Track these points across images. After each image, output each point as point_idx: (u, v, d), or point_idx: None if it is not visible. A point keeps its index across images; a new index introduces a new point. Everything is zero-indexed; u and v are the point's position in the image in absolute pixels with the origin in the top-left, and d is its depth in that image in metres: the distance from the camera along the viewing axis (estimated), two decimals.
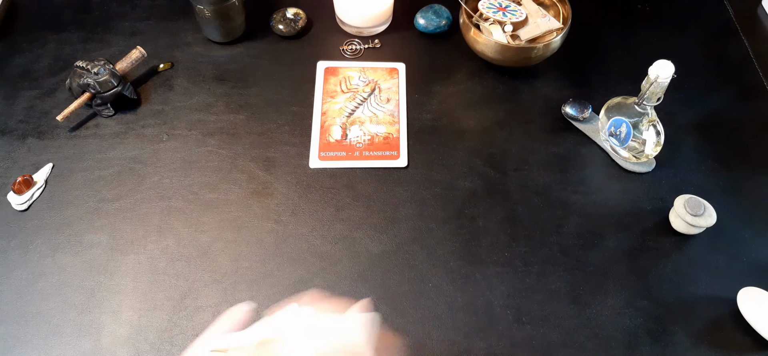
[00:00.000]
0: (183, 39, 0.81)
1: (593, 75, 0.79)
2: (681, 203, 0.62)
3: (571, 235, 0.64)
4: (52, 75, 0.77)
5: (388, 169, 0.69)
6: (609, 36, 0.83)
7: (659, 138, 0.65)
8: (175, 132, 0.72)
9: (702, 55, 0.82)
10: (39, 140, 0.71)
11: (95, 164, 0.69)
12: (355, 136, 0.71)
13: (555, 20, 0.76)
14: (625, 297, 0.60)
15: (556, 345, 0.57)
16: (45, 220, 0.64)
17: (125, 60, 0.74)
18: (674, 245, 0.63)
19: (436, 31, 0.81)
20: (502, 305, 0.59)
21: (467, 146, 0.71)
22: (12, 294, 0.59)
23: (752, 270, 0.62)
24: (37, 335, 0.56)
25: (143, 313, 0.58)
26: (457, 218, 0.65)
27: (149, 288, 0.59)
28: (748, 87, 0.78)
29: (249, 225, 0.64)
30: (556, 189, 0.67)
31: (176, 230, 0.63)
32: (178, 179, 0.67)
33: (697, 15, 0.87)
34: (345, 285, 0.60)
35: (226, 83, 0.77)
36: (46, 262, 0.61)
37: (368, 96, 0.75)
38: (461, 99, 0.76)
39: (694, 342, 0.57)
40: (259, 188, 0.67)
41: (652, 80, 0.60)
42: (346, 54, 0.80)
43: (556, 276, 0.61)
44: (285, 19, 0.81)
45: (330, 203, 0.66)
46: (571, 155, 0.71)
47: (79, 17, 0.84)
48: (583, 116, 0.72)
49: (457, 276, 0.61)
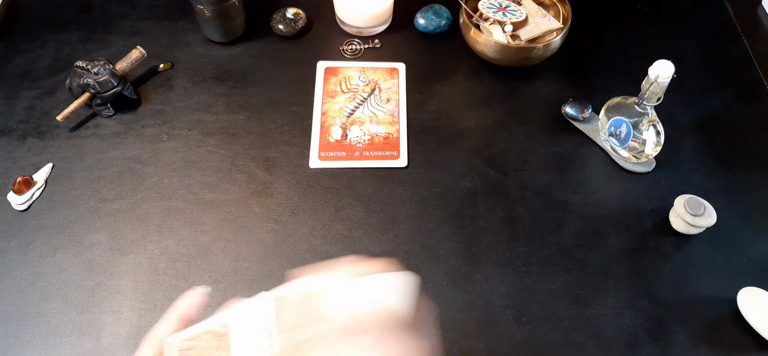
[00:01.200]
0: (183, 39, 0.81)
1: (593, 75, 0.79)
2: (681, 203, 0.62)
3: (571, 235, 0.64)
4: (52, 75, 0.77)
5: (388, 169, 0.69)
6: (609, 36, 0.83)
7: (659, 138, 0.65)
8: (175, 132, 0.72)
9: (702, 55, 0.82)
10: (39, 140, 0.71)
11: (95, 164, 0.69)
12: (355, 136, 0.71)
13: (555, 20, 0.76)
14: (625, 297, 0.60)
15: (556, 345, 0.57)
16: (45, 220, 0.64)
17: (125, 60, 0.74)
18: (674, 245, 0.63)
19: (436, 31, 0.81)
20: (502, 305, 0.59)
21: (467, 146, 0.71)
22: (12, 294, 0.59)
23: (752, 270, 0.62)
24: (37, 335, 0.56)
25: (143, 313, 0.58)
26: (457, 218, 0.65)
27: (149, 288, 0.59)
28: (748, 87, 0.78)
29: (249, 225, 0.64)
30: (556, 189, 0.67)
31: (176, 230, 0.63)
32: (178, 179, 0.67)
33: (697, 15, 0.87)
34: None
35: (226, 83, 0.77)
36: (46, 262, 0.61)
37: (368, 96, 0.75)
38: (461, 99, 0.76)
39: (694, 342, 0.57)
40: (259, 188, 0.67)
41: (652, 80, 0.60)
42: (346, 54, 0.80)
43: (556, 276, 0.61)
44: (285, 19, 0.81)
45: (330, 203, 0.66)
46: (571, 155, 0.71)
47: (79, 17, 0.84)
48: (583, 116, 0.72)
49: (457, 276, 0.61)
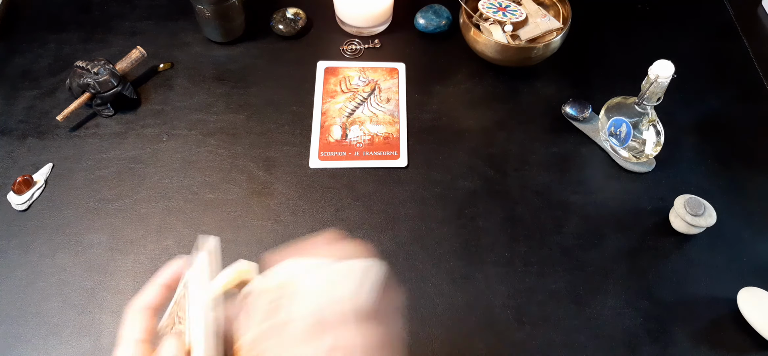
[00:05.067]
0: (183, 39, 0.81)
1: (593, 75, 0.79)
2: (681, 203, 0.62)
3: (571, 235, 0.64)
4: (52, 75, 0.77)
5: (388, 169, 0.69)
6: (609, 36, 0.83)
7: (659, 138, 0.65)
8: (175, 132, 0.72)
9: (702, 55, 0.82)
10: (39, 140, 0.71)
11: (95, 164, 0.69)
12: (355, 136, 0.71)
13: (555, 20, 0.76)
14: (625, 297, 0.60)
15: (556, 345, 0.57)
16: (45, 220, 0.64)
17: (125, 60, 0.74)
18: (674, 245, 0.63)
19: (436, 31, 0.81)
20: (502, 305, 0.59)
21: (467, 146, 0.71)
22: (12, 294, 0.59)
23: (752, 270, 0.62)
24: (37, 335, 0.56)
25: None
26: (457, 218, 0.65)
27: None
28: (748, 87, 0.78)
29: (249, 225, 0.64)
30: (556, 189, 0.67)
31: (176, 230, 0.63)
32: (178, 179, 0.67)
33: (697, 15, 0.87)
34: None
35: (226, 83, 0.77)
36: (46, 262, 0.61)
37: (368, 96, 0.75)
38: (461, 99, 0.76)
39: (694, 342, 0.57)
40: (259, 188, 0.67)
41: (652, 80, 0.60)
42: (346, 54, 0.80)
43: (556, 276, 0.61)
44: (285, 19, 0.81)
45: (330, 203, 0.66)
46: (571, 155, 0.71)
47: (79, 17, 0.84)
48: (583, 116, 0.72)
49: (457, 276, 0.61)
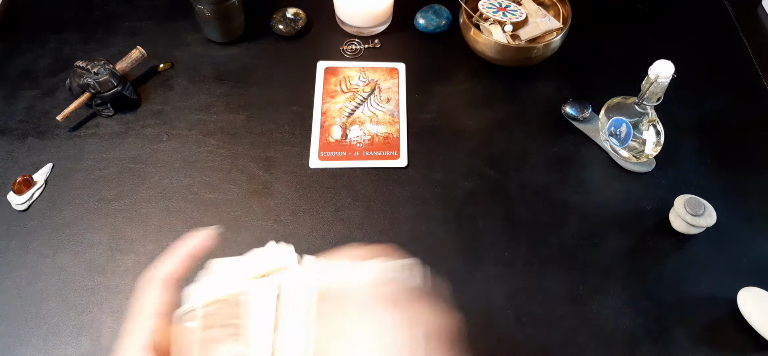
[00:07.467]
0: (183, 39, 0.81)
1: (593, 75, 0.79)
2: (681, 203, 0.62)
3: (571, 235, 0.64)
4: (52, 75, 0.77)
5: (388, 169, 0.69)
6: (609, 36, 0.83)
7: (659, 138, 0.65)
8: (175, 132, 0.72)
9: (702, 55, 0.82)
10: (39, 140, 0.71)
11: (95, 164, 0.69)
12: (355, 136, 0.71)
13: (555, 20, 0.76)
14: (625, 297, 0.60)
15: (556, 345, 0.57)
16: (45, 220, 0.64)
17: (125, 60, 0.74)
18: (674, 245, 0.63)
19: (436, 31, 0.81)
20: (502, 305, 0.59)
21: (467, 146, 0.71)
22: (12, 294, 0.59)
23: (752, 270, 0.62)
24: (37, 335, 0.56)
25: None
26: (457, 218, 0.65)
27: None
28: (748, 87, 0.78)
29: (249, 225, 0.64)
30: (556, 189, 0.67)
31: (176, 230, 0.63)
32: (178, 179, 0.67)
33: (697, 15, 0.87)
34: None
35: (226, 83, 0.77)
36: (46, 262, 0.61)
37: (368, 96, 0.75)
38: (461, 99, 0.76)
39: (694, 342, 0.57)
40: (259, 188, 0.67)
41: (652, 80, 0.60)
42: (346, 54, 0.80)
43: (556, 276, 0.61)
44: (285, 19, 0.81)
45: (330, 203, 0.66)
46: (571, 155, 0.71)
47: (79, 17, 0.84)
48: (583, 116, 0.72)
49: (457, 276, 0.61)
